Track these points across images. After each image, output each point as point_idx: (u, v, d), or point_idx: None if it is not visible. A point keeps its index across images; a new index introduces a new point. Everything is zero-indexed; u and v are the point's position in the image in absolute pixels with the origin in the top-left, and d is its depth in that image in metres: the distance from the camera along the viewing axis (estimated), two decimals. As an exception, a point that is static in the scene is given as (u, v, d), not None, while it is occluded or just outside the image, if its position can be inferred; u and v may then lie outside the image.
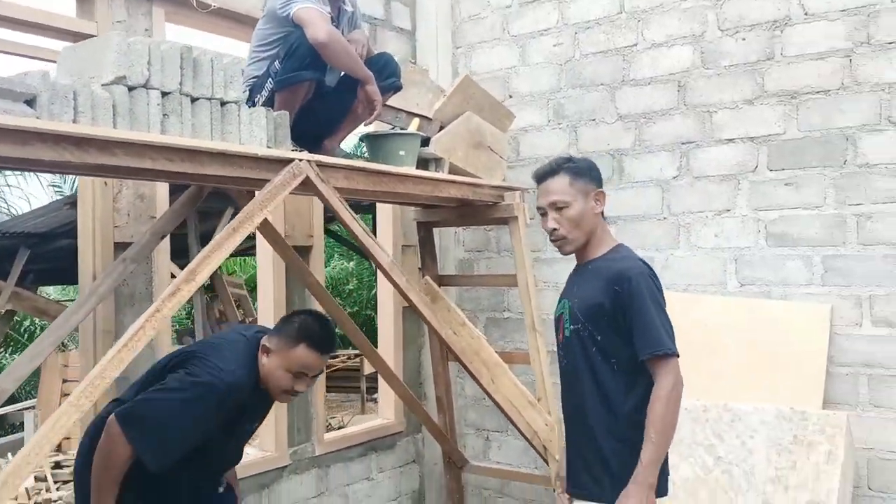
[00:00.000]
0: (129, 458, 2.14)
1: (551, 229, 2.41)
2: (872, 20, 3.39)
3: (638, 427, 2.23)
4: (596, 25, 4.15)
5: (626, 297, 2.24)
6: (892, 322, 3.37)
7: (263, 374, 2.35)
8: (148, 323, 2.20)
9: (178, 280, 2.32)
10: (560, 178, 2.39)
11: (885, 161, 3.37)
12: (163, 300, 2.25)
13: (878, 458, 3.40)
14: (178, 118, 2.38)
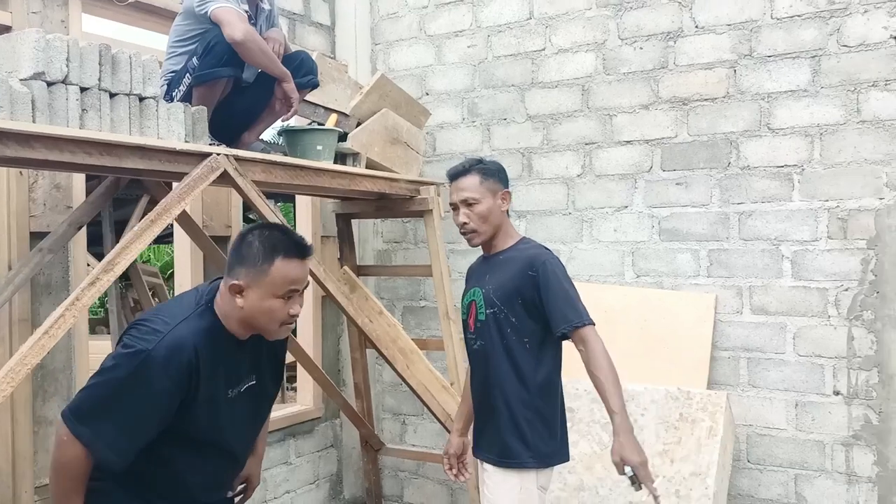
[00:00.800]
0: (84, 458, 1.85)
1: (462, 223, 2.64)
2: (754, 35, 3.72)
3: (546, 397, 2.52)
4: (507, 29, 4.37)
5: (541, 280, 2.48)
6: (768, 310, 3.72)
7: (246, 317, 1.97)
8: (68, 311, 2.28)
9: (97, 270, 2.40)
10: (471, 178, 2.61)
11: (764, 164, 3.71)
12: (82, 289, 2.33)
13: (756, 433, 3.75)
14: (97, 113, 2.46)
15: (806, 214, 3.61)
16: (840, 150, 3.53)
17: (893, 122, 3.41)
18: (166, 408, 1.88)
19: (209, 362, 1.93)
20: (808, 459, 3.62)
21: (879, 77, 3.44)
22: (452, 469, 2.83)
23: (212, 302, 2.02)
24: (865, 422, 3.50)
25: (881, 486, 3.46)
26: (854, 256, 3.51)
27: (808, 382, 3.61)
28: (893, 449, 3.44)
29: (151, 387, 1.84)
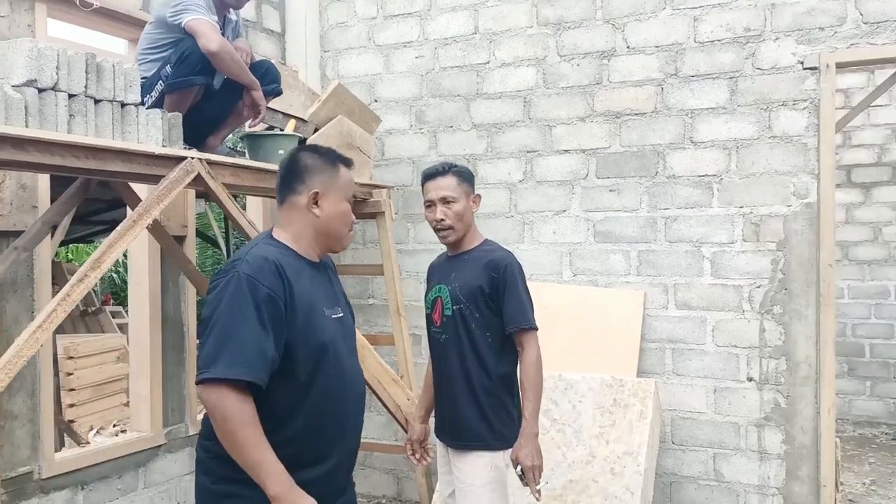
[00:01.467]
0: (238, 400, 1.78)
1: (439, 219, 2.82)
2: (680, 56, 4.11)
3: (506, 386, 2.79)
4: (454, 43, 4.63)
5: (501, 281, 2.75)
6: (691, 305, 4.12)
7: (322, 226, 2.04)
8: (59, 306, 2.40)
9: (84, 267, 2.53)
10: (449, 178, 2.82)
11: (687, 173, 4.10)
12: (72, 285, 2.46)
13: (680, 417, 4.14)
14: (84, 118, 2.58)
15: (724, 219, 4.02)
16: (754, 162, 3.95)
17: (800, 137, 3.86)
18: (274, 313, 1.86)
19: (294, 273, 1.94)
20: (725, 439, 4.03)
21: (788, 97, 3.88)
22: (416, 454, 3.06)
23: (269, 238, 2.04)
24: (775, 405, 3.93)
25: (788, 462, 3.90)
26: (765, 257, 3.94)
27: (725, 370, 4.03)
28: (799, 429, 3.88)
29: (253, 297, 1.83)
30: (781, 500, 3.90)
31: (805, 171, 3.84)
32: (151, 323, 3.95)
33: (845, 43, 3.76)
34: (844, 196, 7.13)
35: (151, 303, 3.96)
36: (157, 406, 4.00)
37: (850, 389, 7.14)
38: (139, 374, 3.98)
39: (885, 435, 6.68)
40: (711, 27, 4.02)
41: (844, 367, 7.15)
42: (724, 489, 4.03)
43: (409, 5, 4.75)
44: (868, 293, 7.10)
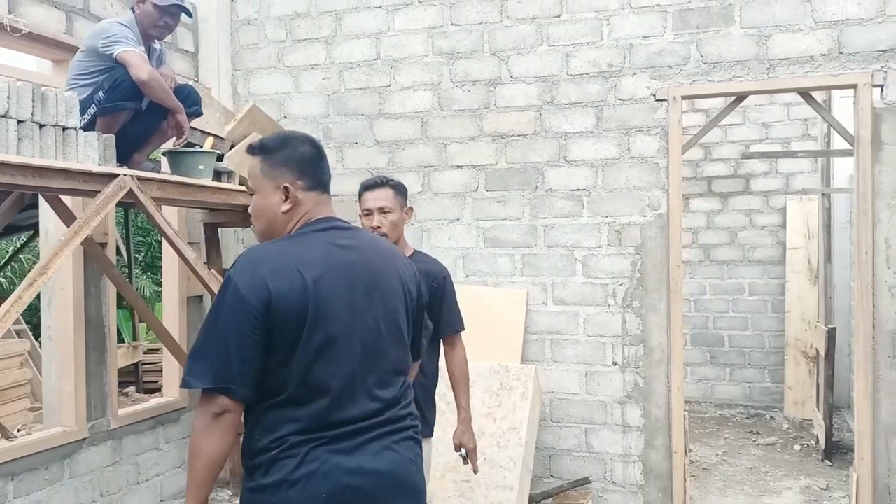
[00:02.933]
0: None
1: (376, 227, 3.11)
2: (555, 87, 4.74)
3: (432, 382, 3.27)
4: (358, 67, 5.12)
5: (440, 290, 3.18)
6: (566, 301, 4.76)
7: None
8: (13, 308, 2.74)
9: (33, 273, 2.86)
10: (387, 190, 3.15)
11: (562, 187, 4.74)
12: (23, 289, 2.80)
13: (557, 398, 4.77)
14: (31, 141, 2.91)
15: (592, 227, 4.69)
16: (616, 179, 4.63)
17: (653, 158, 4.56)
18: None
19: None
20: (595, 416, 4.69)
21: (643, 124, 4.58)
22: None
23: None
24: (635, 385, 4.62)
25: (646, 433, 4.60)
26: (626, 259, 4.62)
27: (595, 356, 4.69)
28: (654, 405, 4.58)
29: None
30: (641, 465, 4.59)
31: (657, 187, 4.55)
32: (75, 324, 4.22)
33: (689, 79, 4.49)
34: (705, 204, 8.06)
35: (75, 305, 4.23)
36: (81, 402, 4.27)
37: (711, 376, 8.07)
38: (63, 372, 4.24)
39: (740, 415, 7.62)
40: (581, 62, 4.67)
41: (707, 356, 8.08)
42: (594, 459, 4.69)
43: (316, 31, 5.20)
44: (726, 290, 8.04)
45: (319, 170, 2.01)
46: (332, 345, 1.82)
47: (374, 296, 1.93)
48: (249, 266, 1.81)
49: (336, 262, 1.89)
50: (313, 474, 1.74)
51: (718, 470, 5.69)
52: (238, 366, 1.74)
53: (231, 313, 1.76)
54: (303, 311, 1.78)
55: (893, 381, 4.19)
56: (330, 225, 1.97)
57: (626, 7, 4.57)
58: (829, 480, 5.35)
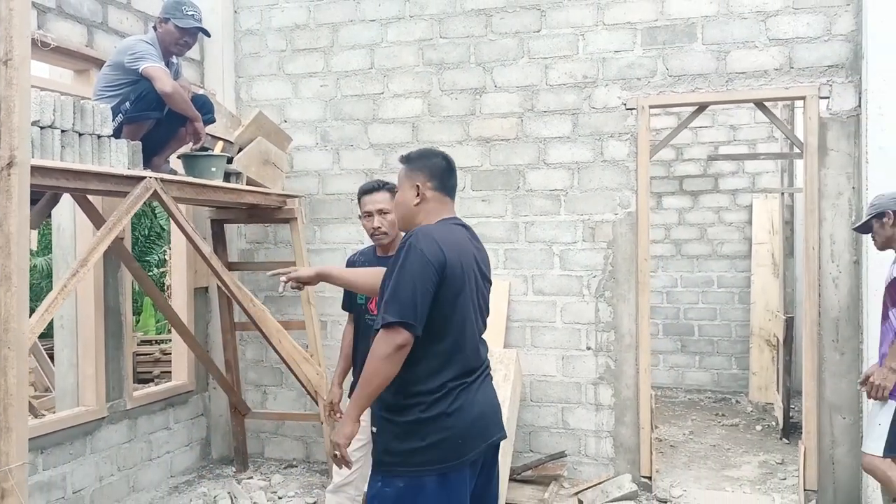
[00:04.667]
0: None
1: (377, 227, 3.50)
2: (535, 95, 5.18)
3: None
4: (353, 75, 5.53)
5: None
6: (545, 292, 5.21)
7: None
8: (59, 295, 3.13)
9: (75, 265, 3.26)
10: (384, 193, 3.52)
11: (541, 188, 5.18)
12: (68, 279, 3.19)
13: (536, 380, 5.22)
14: (72, 149, 3.31)
15: (569, 224, 5.14)
16: (590, 180, 5.08)
17: (623, 161, 5.01)
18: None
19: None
20: (570, 396, 5.15)
21: (615, 131, 5.03)
22: (336, 413, 3.84)
23: None
24: (607, 368, 5.08)
25: (616, 411, 5.06)
26: (599, 253, 5.08)
27: (570, 342, 5.14)
28: (624, 385, 5.05)
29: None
30: (612, 440, 5.06)
31: (627, 188, 5.00)
32: (96, 312, 4.61)
33: (656, 90, 4.95)
34: (677, 202, 8.55)
35: (96, 294, 4.63)
36: (101, 384, 4.67)
37: (682, 363, 8.57)
38: (85, 356, 4.63)
39: (708, 399, 8.13)
40: (558, 74, 5.12)
41: (678, 345, 8.58)
42: (569, 435, 5.15)
43: (314, 42, 5.61)
44: (696, 283, 8.54)
45: (447, 178, 2.61)
46: (467, 308, 2.42)
47: (480, 276, 2.56)
48: (429, 238, 2.36)
49: (469, 247, 2.52)
50: (462, 407, 2.36)
51: (685, 447, 6.18)
52: (421, 309, 2.28)
53: (417, 270, 2.29)
54: (460, 276, 2.38)
55: (836, 363, 4.69)
56: (458, 222, 2.61)
57: (599, 24, 5.02)
58: (785, 456, 5.85)
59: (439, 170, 2.58)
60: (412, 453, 2.31)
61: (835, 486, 4.68)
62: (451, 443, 2.32)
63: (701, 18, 4.86)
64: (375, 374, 2.29)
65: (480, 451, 2.43)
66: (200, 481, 5.31)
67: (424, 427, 2.32)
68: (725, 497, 4.96)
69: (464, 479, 2.37)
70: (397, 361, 2.28)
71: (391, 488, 2.32)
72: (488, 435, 2.45)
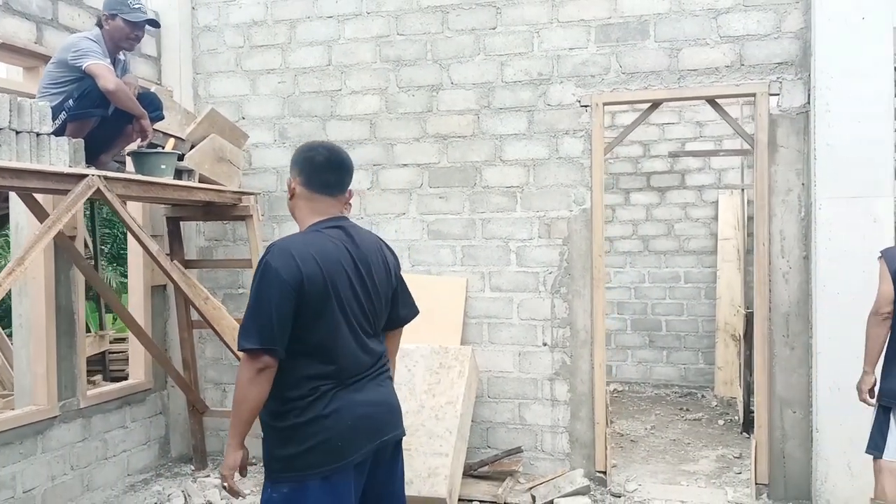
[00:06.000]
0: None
1: None
2: (491, 92, 5.19)
3: None
4: (311, 72, 5.51)
5: None
6: (501, 288, 5.22)
7: None
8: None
9: (11, 263, 3.23)
10: None
11: (497, 185, 5.20)
12: (3, 277, 3.17)
13: (494, 376, 5.24)
14: (9, 147, 3.28)
15: (525, 221, 5.15)
16: (546, 177, 5.10)
17: (578, 158, 5.03)
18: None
19: None
20: (527, 392, 5.17)
21: (569, 128, 5.05)
22: None
23: None
24: (562, 363, 5.10)
25: (572, 407, 5.09)
26: (554, 250, 5.10)
27: (527, 338, 5.16)
28: (579, 381, 5.07)
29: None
30: (567, 436, 5.09)
31: (582, 185, 5.03)
32: (47, 311, 4.58)
33: (610, 87, 4.97)
34: (644, 198, 8.60)
35: (47, 293, 4.59)
36: (52, 383, 4.63)
37: (650, 358, 8.63)
38: (36, 355, 4.60)
39: (674, 394, 8.19)
40: (514, 71, 5.13)
41: (646, 340, 8.64)
42: (526, 430, 5.17)
43: (272, 38, 5.58)
44: (664, 278, 8.60)
45: (319, 173, 2.46)
46: (334, 316, 2.32)
47: (368, 279, 2.43)
48: (281, 255, 2.28)
49: (339, 252, 2.38)
50: (339, 410, 2.32)
51: (645, 442, 6.22)
52: (278, 331, 2.23)
53: (274, 291, 2.24)
54: (322, 288, 2.29)
55: (787, 358, 4.74)
56: (334, 224, 2.45)
57: (554, 21, 5.03)
58: (743, 450, 5.91)
59: (310, 165, 2.45)
60: (293, 458, 2.28)
61: (785, 480, 4.73)
62: (331, 445, 2.29)
63: (653, 16, 4.88)
64: (244, 400, 2.24)
65: (367, 452, 2.39)
66: (158, 480, 5.29)
67: (302, 431, 2.28)
68: (680, 491, 5.00)
69: (349, 481, 2.35)
70: (262, 383, 2.24)
71: (278, 494, 2.30)
72: (376, 436, 2.41)
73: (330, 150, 2.50)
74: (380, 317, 2.51)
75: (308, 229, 2.44)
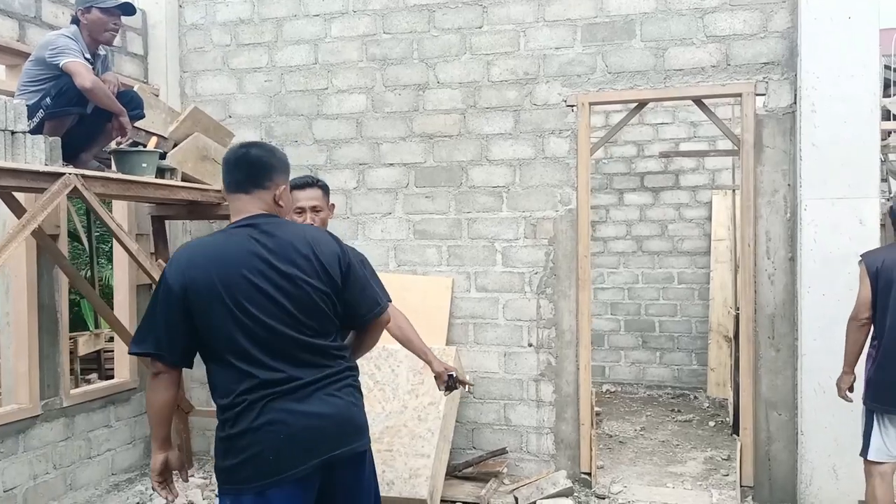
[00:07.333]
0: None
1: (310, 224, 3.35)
2: (477, 92, 5.16)
3: None
4: (297, 70, 5.49)
5: None
6: (487, 289, 5.20)
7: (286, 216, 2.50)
8: (-35, 293, 3.09)
9: (-16, 262, 3.22)
10: (316, 190, 3.39)
11: (483, 184, 5.17)
12: (-25, 277, 3.15)
13: (479, 377, 5.21)
14: (-19, 145, 3.26)
15: (511, 221, 5.12)
16: (532, 177, 5.07)
17: (564, 158, 5.00)
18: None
19: None
20: (512, 392, 5.14)
21: (556, 127, 5.02)
22: None
23: None
24: (548, 364, 5.08)
25: (557, 407, 5.06)
26: (540, 250, 5.07)
27: (512, 338, 5.13)
28: (564, 382, 5.05)
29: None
30: (553, 436, 5.06)
31: (567, 185, 5.00)
32: (29, 309, 4.56)
33: (596, 87, 4.94)
34: (638, 198, 8.56)
35: (29, 292, 4.58)
36: (35, 381, 4.62)
37: (643, 359, 8.59)
38: (18, 353, 4.58)
39: (667, 395, 8.16)
40: (500, 70, 5.10)
41: (639, 341, 8.60)
42: (511, 431, 5.15)
43: (258, 37, 5.56)
44: (657, 279, 8.56)
45: (230, 174, 2.39)
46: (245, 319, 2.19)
47: (287, 277, 2.24)
48: (175, 260, 2.29)
49: (243, 252, 2.25)
50: (272, 421, 2.18)
51: (634, 443, 6.19)
52: (165, 337, 2.20)
53: (161, 297, 2.24)
54: (207, 293, 2.20)
55: (772, 359, 4.70)
56: (249, 222, 2.33)
57: (540, 20, 5.00)
58: (732, 452, 5.87)
59: (224, 167, 2.40)
60: (230, 471, 2.22)
61: (771, 482, 4.70)
62: (262, 459, 2.17)
63: (640, 15, 4.85)
64: (148, 404, 2.34)
65: (311, 468, 2.22)
66: (142, 479, 5.27)
67: (234, 443, 2.20)
68: (665, 493, 4.97)
69: (289, 497, 2.21)
70: (159, 388, 2.27)
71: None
72: (320, 451, 2.22)
73: (243, 148, 2.41)
74: (321, 316, 2.30)
75: (219, 231, 2.40)
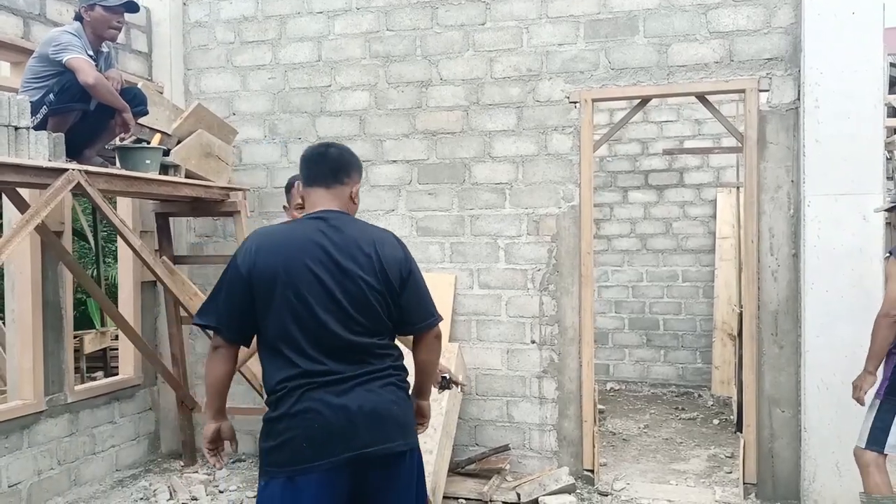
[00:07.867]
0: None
1: None
2: (480, 89, 5.16)
3: None
4: (301, 68, 5.50)
5: None
6: (490, 285, 5.20)
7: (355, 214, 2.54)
8: (-31, 287, 3.10)
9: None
10: None
11: (487, 181, 5.17)
12: (-22, 272, 3.16)
13: (482, 373, 5.22)
14: (-15, 140, 3.28)
15: (514, 218, 5.12)
16: (535, 174, 5.07)
17: (567, 155, 5.00)
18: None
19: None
20: (515, 389, 5.14)
21: (559, 124, 5.01)
22: None
23: None
24: (550, 361, 5.07)
25: (560, 404, 5.06)
26: (543, 247, 5.07)
27: (515, 335, 5.13)
28: (567, 378, 5.04)
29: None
30: (555, 433, 5.06)
31: (570, 181, 4.99)
32: (34, 306, 4.59)
33: (599, 83, 4.93)
34: (643, 196, 8.54)
35: (34, 289, 4.60)
36: (39, 377, 4.65)
37: (647, 357, 8.57)
38: (23, 349, 4.61)
39: (671, 393, 8.14)
40: (503, 67, 5.10)
41: (643, 339, 8.58)
42: (514, 428, 5.15)
43: (262, 34, 5.58)
44: (662, 277, 8.54)
45: (310, 168, 2.48)
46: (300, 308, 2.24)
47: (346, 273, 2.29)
48: (246, 244, 2.37)
49: (309, 243, 2.31)
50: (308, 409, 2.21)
51: (637, 441, 6.18)
52: (226, 314, 2.29)
53: (228, 275, 2.33)
54: (269, 280, 2.26)
55: (775, 356, 4.69)
56: (318, 216, 2.39)
57: (543, 17, 5.00)
58: (735, 450, 5.84)
59: (304, 164, 2.50)
60: (267, 453, 2.26)
61: (774, 479, 4.69)
62: (296, 445, 2.20)
63: (643, 11, 4.84)
64: (206, 374, 2.40)
65: (341, 462, 2.20)
66: (146, 475, 5.29)
67: (273, 427, 2.25)
68: (668, 490, 4.96)
69: (317, 487, 2.20)
70: (216, 361, 2.33)
71: (259, 487, 2.30)
72: (353, 445, 2.21)
73: (323, 146, 2.51)
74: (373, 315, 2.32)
75: (294, 220, 2.49)
